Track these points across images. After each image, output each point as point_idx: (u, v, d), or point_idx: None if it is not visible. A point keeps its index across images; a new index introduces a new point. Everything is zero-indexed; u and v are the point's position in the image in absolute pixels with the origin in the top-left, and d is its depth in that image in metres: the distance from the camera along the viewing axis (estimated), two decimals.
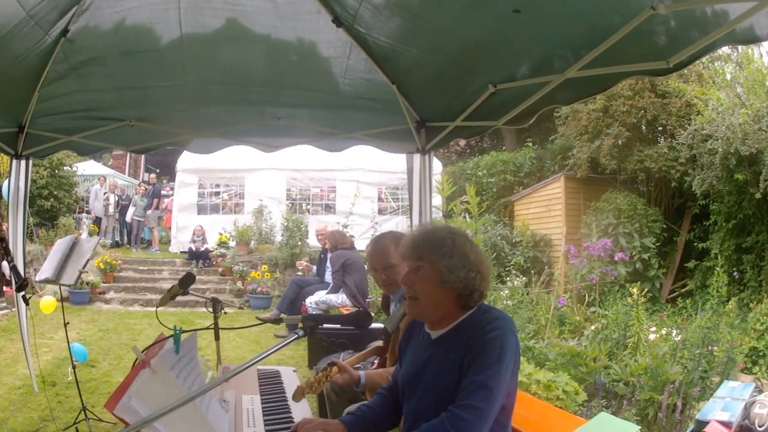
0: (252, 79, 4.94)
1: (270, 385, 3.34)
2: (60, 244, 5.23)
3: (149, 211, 18.46)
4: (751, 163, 10.78)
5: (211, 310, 4.01)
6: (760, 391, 2.90)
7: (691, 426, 2.72)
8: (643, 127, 14.24)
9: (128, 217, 18.50)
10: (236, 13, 4.06)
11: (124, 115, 5.30)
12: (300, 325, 2.34)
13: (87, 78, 4.63)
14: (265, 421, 2.68)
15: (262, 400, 3.00)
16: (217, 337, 4.01)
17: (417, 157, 5.50)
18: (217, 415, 2.39)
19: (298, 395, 2.68)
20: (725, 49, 15.19)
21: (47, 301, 7.93)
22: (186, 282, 3.78)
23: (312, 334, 2.27)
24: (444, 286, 2.25)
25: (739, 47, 13.30)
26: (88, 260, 5.04)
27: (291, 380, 3.49)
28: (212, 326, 3.89)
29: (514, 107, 4.16)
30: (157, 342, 2.34)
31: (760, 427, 2.59)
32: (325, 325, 6.32)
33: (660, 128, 14.23)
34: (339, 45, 4.33)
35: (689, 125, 12.20)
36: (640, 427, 3.20)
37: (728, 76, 12.42)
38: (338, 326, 6.26)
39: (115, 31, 4.11)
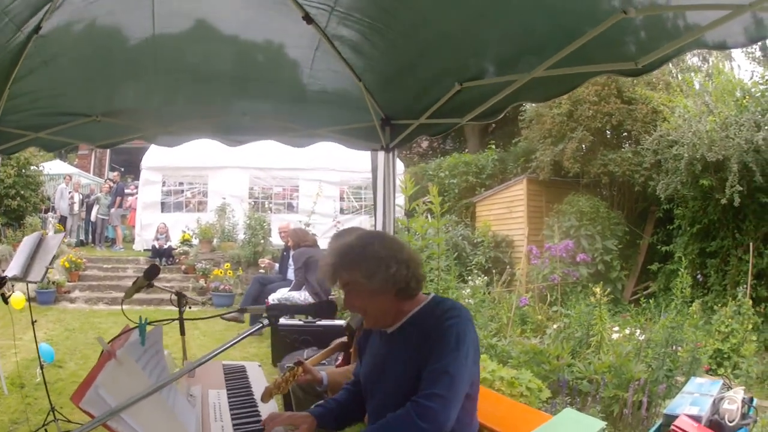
0: (218, 74, 4.88)
1: (236, 380, 3.32)
2: (26, 242, 5.17)
3: (113, 210, 18.21)
4: (716, 170, 11.03)
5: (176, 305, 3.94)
6: (729, 388, 2.95)
7: (660, 420, 2.75)
8: (608, 132, 14.47)
9: (93, 216, 18.23)
10: (207, 8, 4.01)
11: (91, 111, 5.20)
12: (264, 314, 2.32)
13: (56, 74, 4.54)
14: (232, 415, 2.66)
15: (228, 394, 2.98)
16: (182, 332, 3.94)
17: (381, 155, 5.47)
18: (183, 408, 2.36)
19: (267, 396, 2.67)
20: (696, 60, 15.55)
21: (17, 297, 7.75)
22: (151, 274, 3.72)
23: (277, 323, 2.25)
24: (377, 293, 2.27)
25: (710, 59, 13.64)
26: (54, 257, 4.95)
27: (256, 375, 3.47)
28: (177, 319, 3.80)
29: (480, 105, 4.16)
30: (123, 333, 2.28)
31: (730, 422, 2.63)
32: (288, 322, 6.30)
33: (625, 134, 14.50)
34: (307, 40, 4.29)
35: (655, 131, 12.44)
36: (605, 423, 3.24)
37: (696, 86, 12.71)
38: (301, 323, 6.23)
39: (86, 27, 4.03)
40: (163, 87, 5.01)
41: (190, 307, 3.99)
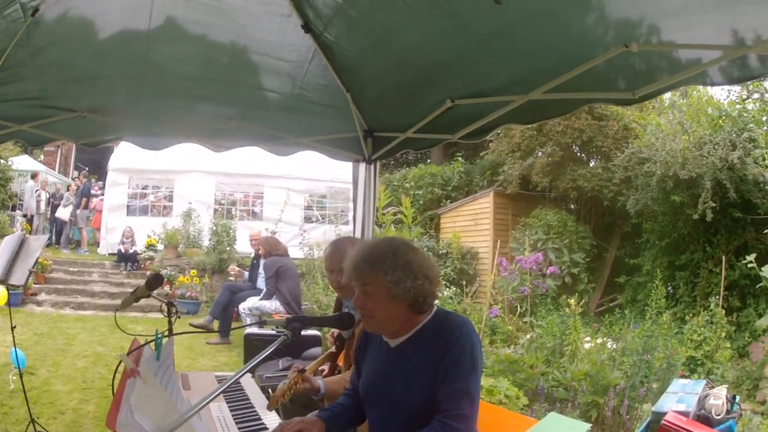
0: (210, 76, 4.86)
1: (232, 392, 3.29)
2: (7, 243, 5.01)
3: (78, 211, 17.81)
4: (688, 186, 11.36)
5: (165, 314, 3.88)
6: (711, 387, 3.07)
7: (648, 418, 2.86)
8: (577, 148, 14.69)
9: (62, 215, 17.69)
10: (204, 8, 3.99)
11: (77, 106, 5.11)
12: (280, 327, 2.34)
13: (44, 64, 4.47)
14: (239, 428, 2.64)
15: (229, 407, 2.96)
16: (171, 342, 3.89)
17: (362, 166, 5.49)
18: (196, 423, 2.33)
19: (272, 404, 2.68)
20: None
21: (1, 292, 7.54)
22: (153, 284, 3.64)
23: (299, 336, 2.27)
24: (395, 300, 2.27)
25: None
26: (36, 260, 4.80)
27: (251, 387, 3.46)
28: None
29: (472, 123, 4.22)
30: (135, 349, 2.23)
31: (717, 415, 2.76)
32: (260, 331, 6.27)
33: (594, 149, 14.69)
34: (302, 49, 4.32)
35: (626, 148, 12.73)
36: (590, 425, 3.32)
37: (666, 102, 13.03)
38: (275, 332, 6.20)
39: (80, 17, 3.99)
40: (153, 87, 4.95)
41: (179, 317, 3.93)
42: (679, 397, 2.95)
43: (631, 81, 3.10)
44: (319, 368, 4.31)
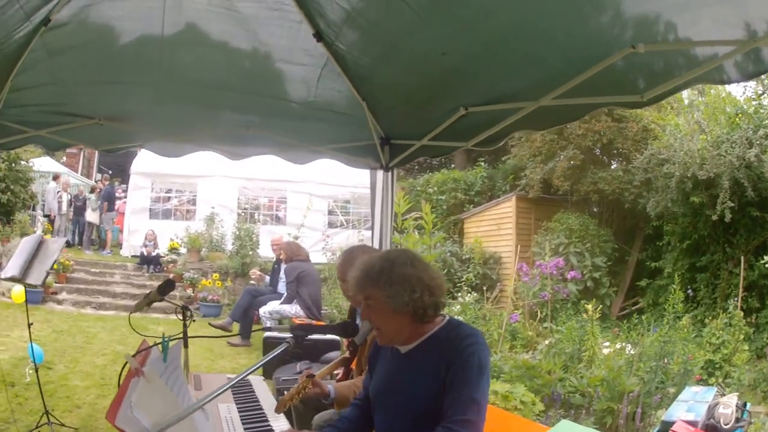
0: (227, 84, 4.90)
1: (243, 393, 3.34)
2: (26, 244, 5.13)
3: (103, 213, 18.06)
4: (707, 187, 11.23)
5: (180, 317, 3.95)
6: (722, 395, 3.04)
7: (657, 427, 2.84)
8: (598, 151, 14.57)
9: (91, 218, 17.97)
10: (218, 18, 4.04)
11: (94, 113, 5.18)
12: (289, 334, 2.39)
13: (61, 70, 4.53)
14: (245, 429, 2.67)
15: (238, 408, 3.00)
16: (185, 345, 3.95)
17: (380, 174, 5.51)
18: (200, 422, 2.39)
19: (281, 407, 2.73)
20: None
21: (17, 291, 7.67)
22: (165, 289, 3.73)
23: (302, 343, 2.30)
24: (396, 313, 2.29)
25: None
26: (54, 261, 4.92)
27: (262, 389, 3.51)
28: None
29: (485, 130, 4.22)
30: (142, 350, 2.30)
31: (725, 425, 2.73)
32: (280, 335, 6.31)
33: (615, 152, 14.57)
34: (316, 57, 4.34)
35: (645, 149, 12.60)
36: None
37: (686, 101, 12.88)
38: (293, 336, 6.23)
39: (94, 24, 4.03)
40: (170, 94, 5.00)
41: (194, 320, 4.00)
42: (689, 405, 2.93)
43: (639, 83, 3.07)
44: (334, 372, 4.36)
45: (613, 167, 14.54)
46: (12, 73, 4.37)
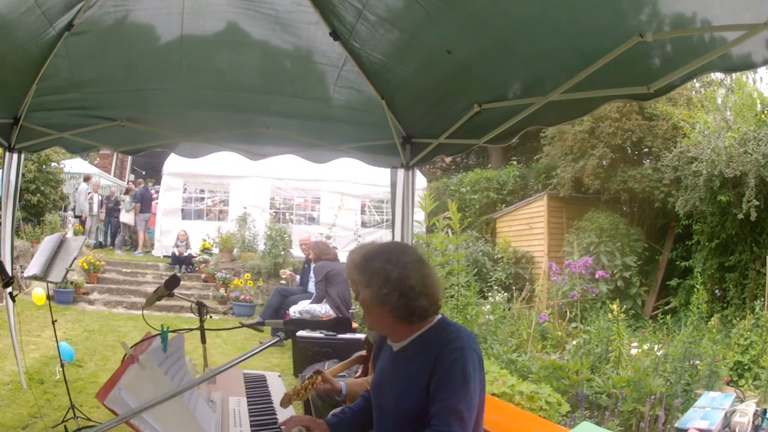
0: (245, 85, 4.96)
1: (256, 388, 3.37)
2: (48, 242, 5.22)
3: (137, 214, 18.25)
4: (734, 185, 11.02)
5: (196, 314, 4.00)
6: (741, 401, 2.95)
7: None
8: (629, 149, 14.38)
9: (123, 218, 18.25)
10: (237, 18, 4.10)
11: (117, 115, 5.28)
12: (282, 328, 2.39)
13: (84, 74, 4.63)
14: (251, 422, 2.70)
15: (248, 402, 3.02)
16: (203, 341, 4.00)
17: (401, 172, 5.52)
18: (204, 413, 2.42)
19: (285, 402, 2.73)
20: (718, 75, 15.49)
21: (38, 294, 7.82)
22: (171, 284, 3.79)
23: (293, 337, 2.31)
24: (380, 306, 2.29)
25: (733, 74, 13.58)
26: (74, 259, 5.02)
27: (276, 384, 3.52)
28: (198, 328, 3.87)
29: (497, 127, 4.20)
30: (145, 340, 2.35)
31: None
32: (310, 335, 6.35)
33: (646, 150, 14.41)
34: (334, 56, 4.39)
35: (675, 147, 12.43)
36: None
37: (719, 101, 12.64)
38: (323, 336, 6.28)
39: (117, 28, 4.13)
40: (190, 95, 5.09)
41: (210, 316, 4.05)
42: (705, 412, 2.86)
43: (646, 75, 3.01)
44: (352, 369, 4.37)
45: (644, 166, 14.29)
46: (37, 77, 4.50)
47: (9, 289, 4.37)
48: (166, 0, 3.92)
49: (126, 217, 18.18)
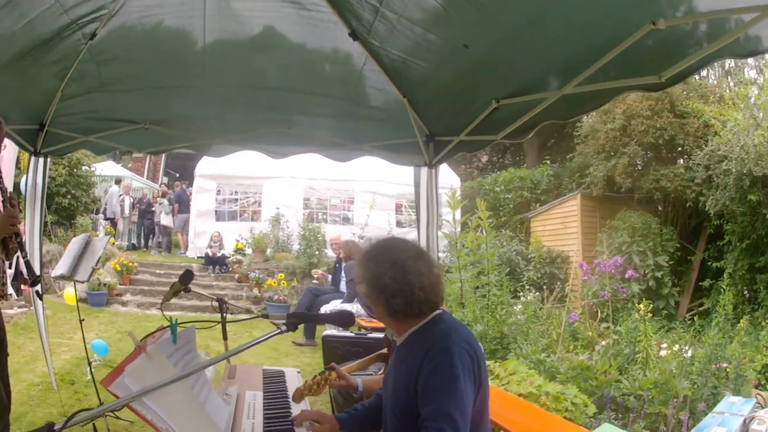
0: (267, 85, 5.03)
1: (273, 383, 3.42)
2: (74, 243, 5.35)
3: (175, 216, 18.65)
4: (764, 185, 10.84)
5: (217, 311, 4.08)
6: (762, 407, 2.89)
7: None
8: (662, 148, 14.14)
9: (163, 221, 18.61)
10: (259, 20, 4.18)
11: (140, 119, 5.39)
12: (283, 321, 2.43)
13: (109, 79, 4.74)
14: (264, 415, 2.74)
15: (264, 396, 3.07)
16: (224, 337, 4.08)
17: (424, 171, 5.52)
18: (215, 404, 2.47)
19: (297, 396, 2.79)
20: (753, 73, 15.12)
21: (70, 293, 8.01)
22: (186, 279, 3.85)
23: (294, 329, 2.35)
24: (376, 301, 2.32)
25: (767, 71, 13.26)
26: (99, 258, 5.14)
27: (294, 381, 3.56)
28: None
29: (513, 122, 4.20)
30: (157, 332, 2.41)
31: None
32: (340, 334, 6.40)
33: (679, 148, 14.20)
34: (355, 55, 4.43)
35: (706, 146, 12.22)
36: None
37: (752, 100, 12.37)
38: (353, 335, 6.31)
39: (141, 34, 4.23)
40: (212, 97, 5.17)
41: (231, 313, 4.12)
42: (724, 418, 2.81)
43: (657, 63, 2.95)
44: (377, 366, 4.40)
45: (676, 165, 14.06)
46: (62, 84, 4.62)
47: (36, 288, 4.49)
48: (188, 3, 4.00)
49: (165, 219, 18.52)
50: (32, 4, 3.54)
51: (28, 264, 3.57)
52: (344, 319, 2.65)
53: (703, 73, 16.55)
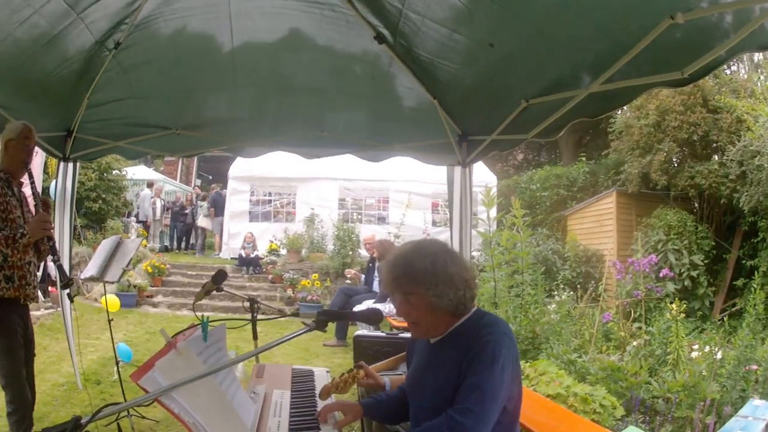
0: (298, 87, 5.09)
1: (301, 382, 3.46)
2: (105, 244, 5.42)
3: (212, 219, 18.87)
4: None
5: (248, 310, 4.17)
6: None
7: None
8: (697, 144, 13.89)
9: (201, 223, 18.97)
10: (286, 22, 4.24)
11: (170, 124, 5.49)
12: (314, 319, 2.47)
13: (137, 85, 4.84)
14: (291, 413, 2.80)
15: (291, 395, 3.11)
16: (255, 337, 4.16)
17: (458, 170, 5.53)
18: (243, 402, 2.53)
19: (324, 394, 2.81)
20: None
21: (112, 300, 8.08)
22: (218, 278, 3.92)
23: (323, 328, 2.37)
24: (437, 310, 2.29)
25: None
26: (130, 259, 5.21)
27: (323, 380, 3.59)
28: (250, 321, 4.03)
29: (543, 121, 4.21)
30: (188, 329, 2.48)
31: None
32: (371, 334, 6.47)
33: (714, 144, 13.89)
34: (384, 56, 4.48)
35: (739, 141, 11.99)
36: None
37: None
38: (384, 335, 6.38)
39: (167, 40, 4.31)
40: (243, 100, 5.25)
41: (263, 313, 4.20)
42: (747, 422, 2.78)
43: (679, 59, 2.93)
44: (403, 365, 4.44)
45: (711, 161, 13.79)
46: (89, 92, 4.73)
47: (67, 291, 4.59)
48: (213, 6, 4.06)
49: (204, 221, 18.84)
50: (52, 24, 3.65)
51: (60, 267, 3.68)
52: (372, 317, 2.70)
53: (734, 67, 16.26)
